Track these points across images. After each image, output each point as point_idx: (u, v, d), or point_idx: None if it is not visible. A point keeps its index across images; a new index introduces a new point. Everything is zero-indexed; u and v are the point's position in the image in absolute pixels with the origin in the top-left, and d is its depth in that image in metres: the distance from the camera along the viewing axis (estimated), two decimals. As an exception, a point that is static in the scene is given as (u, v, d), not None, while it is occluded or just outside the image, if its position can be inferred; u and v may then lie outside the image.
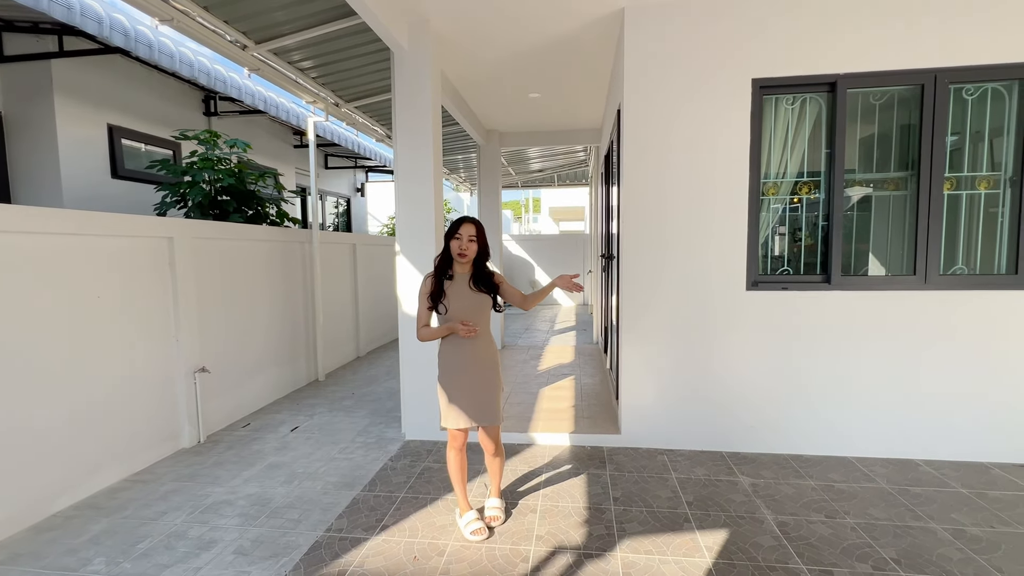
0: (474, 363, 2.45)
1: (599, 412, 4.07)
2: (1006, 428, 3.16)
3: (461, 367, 2.45)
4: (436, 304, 2.40)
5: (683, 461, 3.29)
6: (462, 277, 2.44)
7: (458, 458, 2.52)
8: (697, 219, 3.34)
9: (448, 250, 2.42)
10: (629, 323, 3.46)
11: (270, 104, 5.55)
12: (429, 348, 3.64)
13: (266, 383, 4.64)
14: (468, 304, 2.41)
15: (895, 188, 3.28)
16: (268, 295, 4.69)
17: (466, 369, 2.45)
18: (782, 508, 2.69)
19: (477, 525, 2.47)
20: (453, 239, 2.39)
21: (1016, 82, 3.06)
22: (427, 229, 3.61)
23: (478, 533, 2.44)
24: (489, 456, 2.62)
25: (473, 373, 2.45)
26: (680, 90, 3.29)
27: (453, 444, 2.51)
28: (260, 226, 4.53)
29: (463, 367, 2.45)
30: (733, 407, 3.40)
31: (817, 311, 3.28)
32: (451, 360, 2.47)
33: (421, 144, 3.56)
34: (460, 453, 2.53)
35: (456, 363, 2.46)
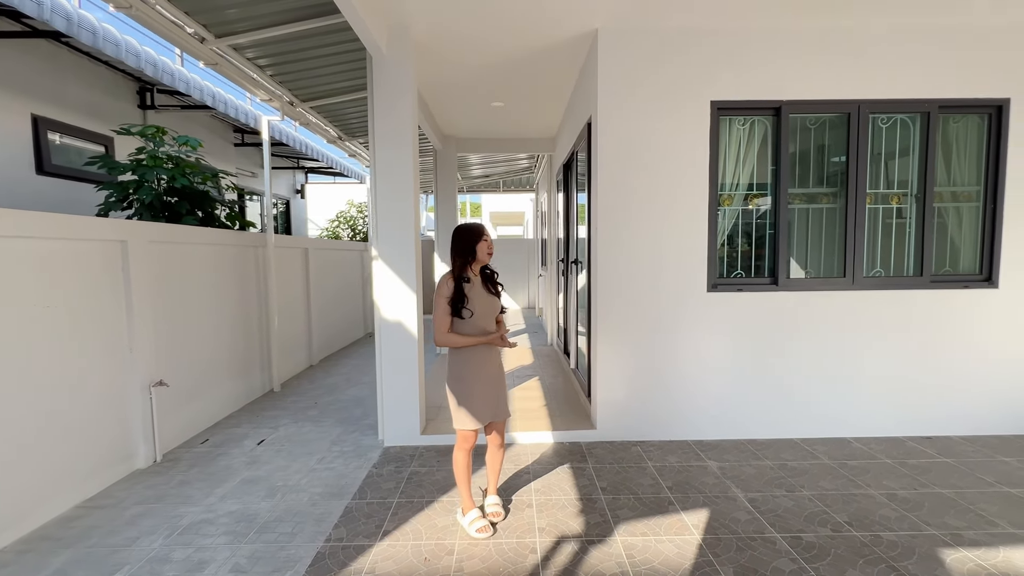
0: (494, 363, 2.59)
1: (570, 410, 4.26)
2: (915, 406, 3.72)
3: (485, 368, 2.54)
4: (460, 309, 2.44)
5: (655, 451, 3.55)
6: (476, 280, 2.53)
7: (467, 459, 2.59)
8: (664, 226, 3.63)
9: (473, 254, 2.49)
10: (603, 324, 3.68)
11: (219, 100, 5.23)
12: (408, 355, 3.65)
13: (221, 396, 4.37)
14: (487, 306, 2.52)
15: (828, 201, 3.76)
16: (223, 302, 4.42)
17: (488, 370, 2.55)
18: (749, 486, 3.00)
19: (482, 523, 2.54)
20: (482, 241, 2.50)
21: (917, 115, 3.64)
22: (406, 233, 3.61)
23: (484, 531, 2.51)
24: (496, 449, 2.73)
25: (492, 372, 2.57)
26: (648, 107, 3.57)
27: (464, 445, 2.57)
28: (215, 229, 4.27)
29: (486, 368, 2.55)
30: (697, 399, 3.72)
31: (767, 310, 3.68)
32: (476, 363, 2.53)
33: (400, 149, 3.57)
34: (469, 454, 2.59)
35: (481, 365, 2.53)
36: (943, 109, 3.60)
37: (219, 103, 5.21)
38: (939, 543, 2.41)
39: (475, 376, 2.53)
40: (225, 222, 4.76)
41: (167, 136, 4.21)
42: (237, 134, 7.37)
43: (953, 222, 3.76)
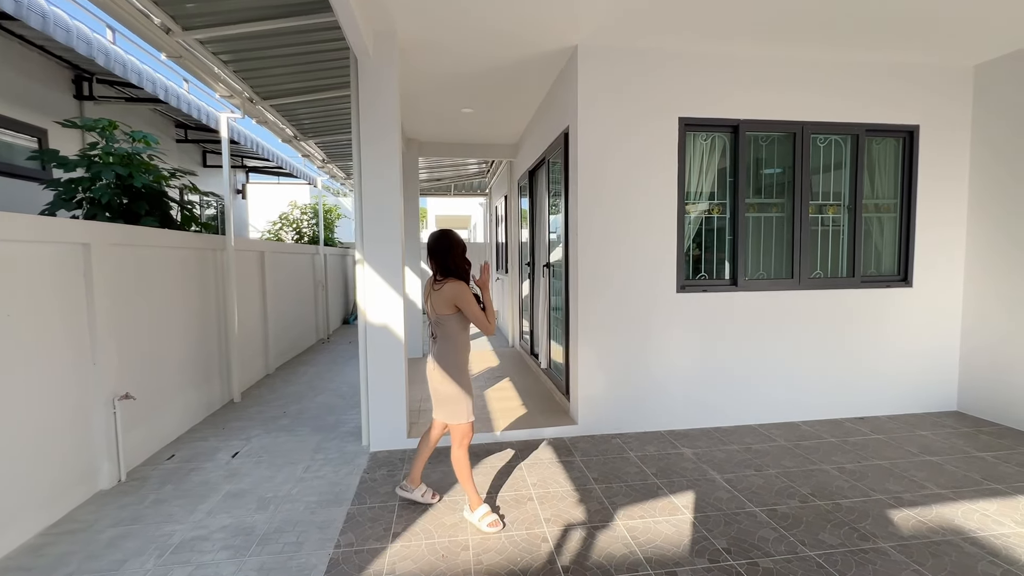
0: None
1: (547, 407, 4.42)
2: (850, 392, 4.24)
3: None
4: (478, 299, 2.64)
5: (634, 442, 3.79)
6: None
7: (468, 455, 2.67)
8: (638, 232, 3.90)
9: (464, 260, 2.65)
10: (583, 325, 3.88)
11: (170, 93, 4.89)
12: (394, 358, 3.64)
13: (183, 408, 4.11)
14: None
15: (776, 211, 4.21)
16: (184, 308, 4.16)
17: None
18: (723, 469, 3.30)
19: (493, 517, 2.63)
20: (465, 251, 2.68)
21: (849, 136, 4.17)
22: (393, 236, 3.61)
23: (495, 524, 2.60)
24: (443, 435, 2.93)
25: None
26: (624, 121, 3.83)
27: (466, 441, 2.66)
28: (177, 231, 4.02)
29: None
30: (668, 392, 4.01)
31: (728, 309, 4.05)
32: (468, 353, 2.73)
33: (385, 150, 3.57)
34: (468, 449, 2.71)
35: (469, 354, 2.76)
36: (869, 132, 4.16)
37: (170, 96, 4.87)
38: (885, 506, 2.81)
39: (467, 369, 2.69)
40: (181, 224, 4.47)
41: (118, 131, 3.91)
42: (179, 130, 6.88)
43: (876, 230, 4.33)
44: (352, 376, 5.95)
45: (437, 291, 2.56)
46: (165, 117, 6.54)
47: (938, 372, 4.36)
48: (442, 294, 2.54)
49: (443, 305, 2.55)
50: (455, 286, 2.55)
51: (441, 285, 2.55)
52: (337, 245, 11.33)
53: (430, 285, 2.63)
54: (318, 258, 8.57)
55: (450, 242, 2.63)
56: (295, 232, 10.96)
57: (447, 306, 2.55)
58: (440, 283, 2.56)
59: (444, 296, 2.54)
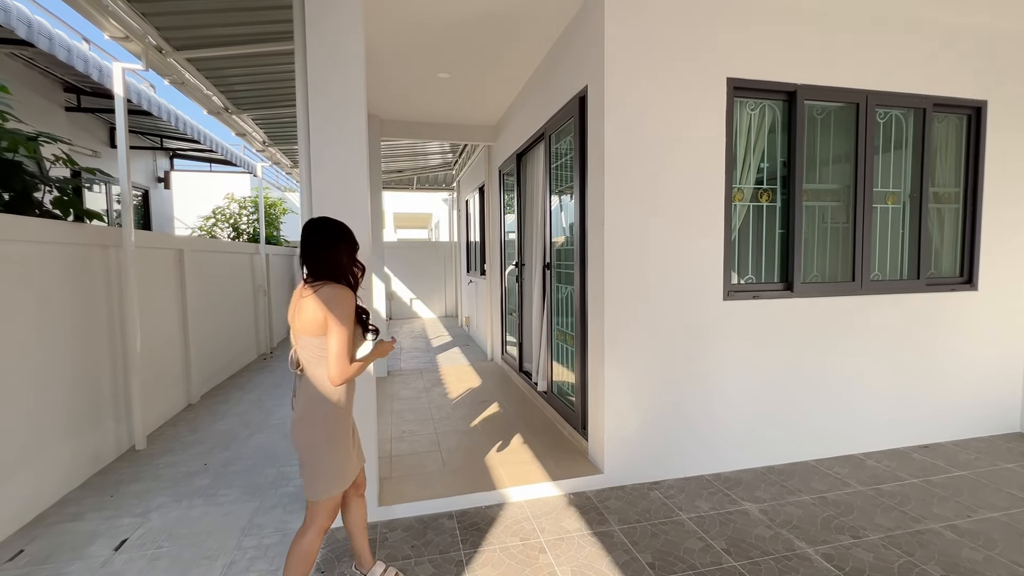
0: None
1: (556, 446, 3.49)
2: (910, 415, 3.55)
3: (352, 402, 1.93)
4: (366, 326, 1.91)
5: (678, 495, 2.92)
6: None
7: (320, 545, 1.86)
8: (677, 225, 3.05)
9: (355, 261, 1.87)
10: (611, 341, 2.98)
11: (38, 32, 3.56)
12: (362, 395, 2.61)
13: (49, 469, 2.88)
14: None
15: (832, 199, 3.47)
16: (50, 327, 2.93)
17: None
18: (810, 536, 2.48)
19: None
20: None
21: (912, 111, 3.50)
22: (360, 226, 2.56)
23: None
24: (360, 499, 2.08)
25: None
26: (660, 84, 2.96)
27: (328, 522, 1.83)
28: (35, 219, 2.80)
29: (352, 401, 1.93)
30: (712, 425, 3.18)
31: (781, 319, 3.26)
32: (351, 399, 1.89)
33: (348, 118, 2.54)
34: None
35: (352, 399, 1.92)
36: (937, 107, 3.49)
37: (39, 36, 3.55)
38: (1052, 592, 2.07)
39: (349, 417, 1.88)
40: (52, 210, 3.21)
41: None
42: (70, 94, 5.45)
43: (935, 223, 3.68)
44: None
45: (304, 298, 1.71)
46: (48, 77, 5.11)
47: (1001, 389, 3.76)
48: (309, 304, 1.69)
49: (310, 321, 1.69)
50: (336, 290, 1.71)
51: (312, 290, 1.71)
52: (283, 244, 9.94)
53: (297, 293, 1.78)
54: (259, 259, 7.26)
55: (338, 233, 1.81)
56: (232, 229, 9.50)
57: (315, 322, 1.68)
58: (313, 287, 1.72)
59: (312, 308, 1.68)
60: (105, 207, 6.75)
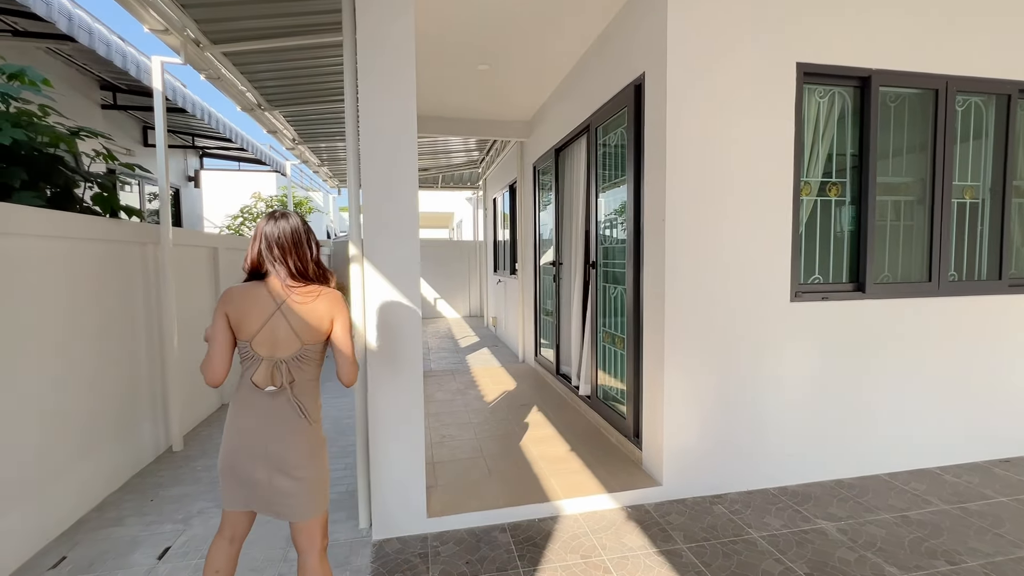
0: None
1: (606, 454, 3.31)
2: (987, 425, 3.28)
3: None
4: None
5: (745, 510, 2.72)
6: None
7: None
8: (742, 221, 2.85)
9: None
10: (671, 346, 2.79)
11: (81, 27, 3.51)
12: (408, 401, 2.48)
13: (91, 473, 2.81)
14: None
15: (905, 193, 3.22)
16: (89, 325, 2.86)
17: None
18: (900, 560, 2.27)
19: None
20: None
21: (994, 97, 3.23)
22: (408, 219, 2.44)
23: None
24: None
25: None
26: (724, 69, 2.76)
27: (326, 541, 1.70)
28: (75, 215, 2.73)
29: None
30: (778, 435, 2.97)
31: (852, 322, 3.04)
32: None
33: (399, 103, 2.40)
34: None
35: None
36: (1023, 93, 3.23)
37: (79, 30, 3.50)
38: None
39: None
40: (91, 205, 3.15)
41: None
42: (105, 92, 5.45)
43: (1017, 219, 3.41)
44: (336, 401, 4.69)
45: (302, 305, 1.58)
46: (85, 74, 5.11)
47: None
48: (314, 310, 1.58)
49: (314, 328, 1.59)
50: (336, 296, 1.65)
51: (309, 297, 1.59)
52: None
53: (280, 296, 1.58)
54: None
55: (309, 228, 1.69)
56: (259, 228, 9.51)
57: (319, 329, 1.60)
58: (305, 293, 1.59)
59: (317, 313, 1.59)
60: (138, 205, 6.78)
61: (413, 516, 2.51)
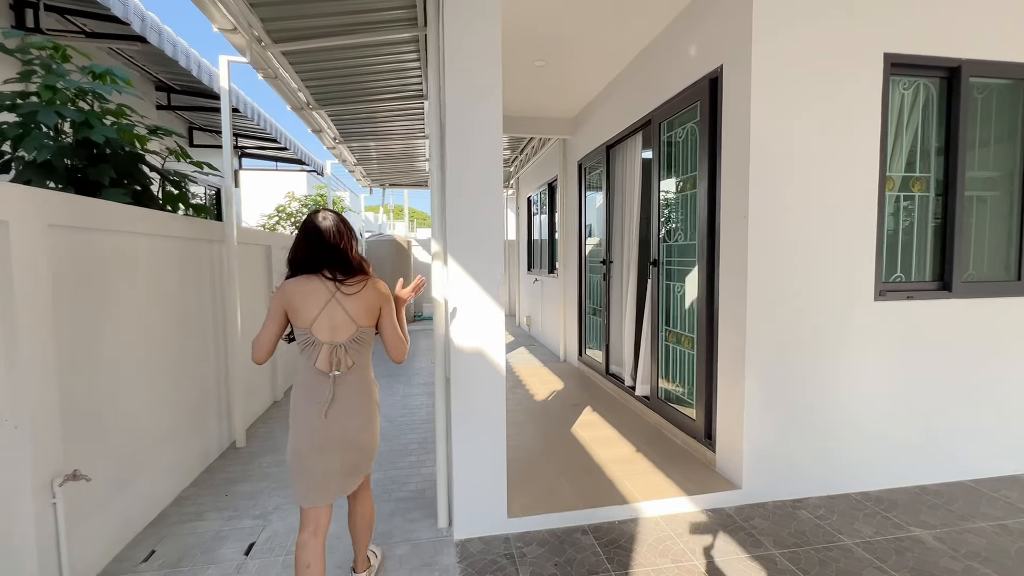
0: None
1: (675, 456, 3.24)
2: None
3: None
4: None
5: (828, 515, 2.64)
6: None
7: None
8: (825, 216, 2.76)
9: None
10: (752, 346, 2.72)
11: (152, 27, 3.57)
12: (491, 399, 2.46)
13: (167, 468, 2.84)
14: None
15: (989, 188, 3.09)
16: (167, 322, 2.90)
17: None
18: (1009, 571, 2.17)
19: None
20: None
21: (1087, 88, 3.08)
22: (493, 225, 2.41)
23: None
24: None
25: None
26: (809, 59, 2.68)
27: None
28: (159, 212, 2.77)
29: None
30: (861, 438, 2.87)
31: (939, 321, 2.92)
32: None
33: (485, 97, 2.38)
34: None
35: None
36: (1119, 82, 3.07)
37: (151, 31, 3.56)
38: None
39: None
40: (164, 204, 3.19)
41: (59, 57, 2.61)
42: (160, 93, 5.55)
43: (1108, 216, 3.24)
44: (391, 400, 4.70)
45: (353, 294, 1.79)
46: (144, 77, 5.20)
47: None
48: (364, 297, 1.81)
49: (367, 312, 1.83)
50: (380, 284, 1.88)
51: (358, 286, 1.81)
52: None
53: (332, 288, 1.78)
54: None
55: (349, 226, 1.91)
56: (294, 227, 9.63)
57: (370, 313, 1.84)
58: (354, 283, 1.81)
59: (367, 299, 1.82)
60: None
61: (494, 517, 2.48)
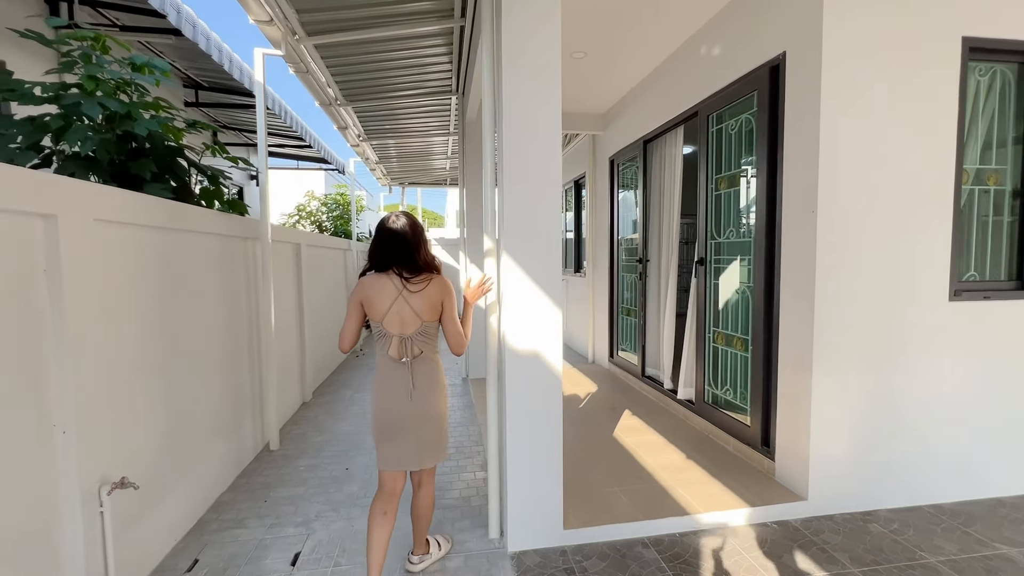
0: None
1: (728, 465, 3.09)
2: None
3: None
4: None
5: (903, 529, 2.48)
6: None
7: None
8: (897, 211, 2.59)
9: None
10: (819, 349, 2.56)
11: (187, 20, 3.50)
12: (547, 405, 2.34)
13: (207, 472, 2.76)
14: None
15: (1069, 182, 2.90)
16: (208, 322, 2.81)
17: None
18: (1119, 595, 1.99)
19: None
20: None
21: None
22: (551, 223, 2.29)
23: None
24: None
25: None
26: (882, 45, 2.51)
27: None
28: (201, 208, 2.69)
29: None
30: (930, 447, 2.70)
31: (1020, 323, 2.74)
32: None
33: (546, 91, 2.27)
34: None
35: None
36: None
37: (186, 24, 3.49)
38: None
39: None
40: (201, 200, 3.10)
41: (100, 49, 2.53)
42: (189, 89, 5.50)
43: None
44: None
45: (418, 291, 1.95)
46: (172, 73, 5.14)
47: None
48: (427, 295, 1.96)
49: (431, 308, 1.97)
50: (444, 282, 2.02)
51: (422, 284, 1.96)
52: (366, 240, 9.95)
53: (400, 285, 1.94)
54: (350, 255, 7.22)
55: (418, 229, 2.03)
56: (314, 226, 9.59)
57: (434, 309, 1.99)
58: (419, 281, 1.96)
59: (430, 297, 1.97)
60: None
61: (550, 528, 2.36)
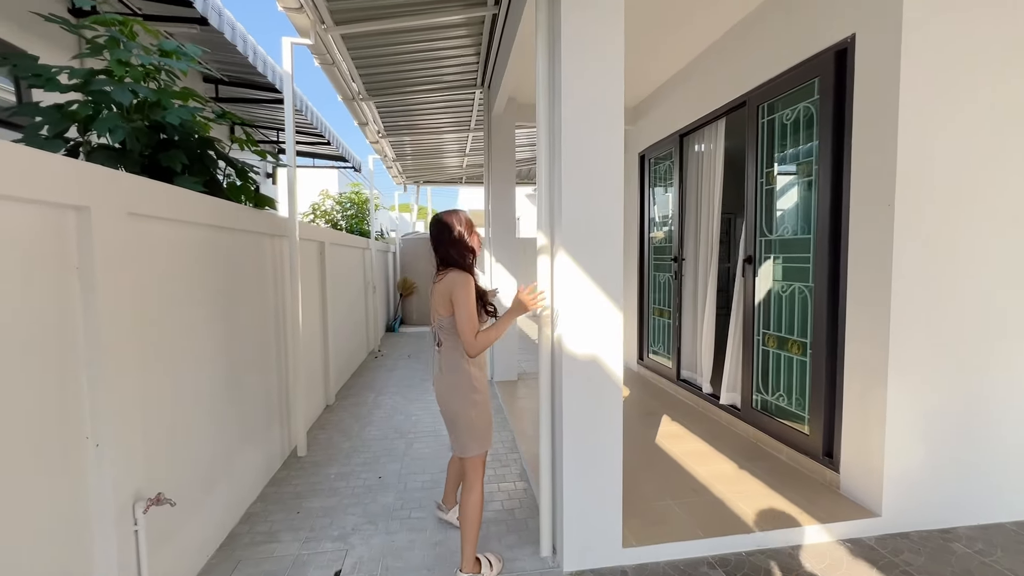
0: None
1: (786, 477, 2.90)
2: None
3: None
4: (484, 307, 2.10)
5: (989, 549, 2.29)
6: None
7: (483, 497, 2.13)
8: (980, 203, 2.40)
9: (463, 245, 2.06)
10: (897, 358, 2.37)
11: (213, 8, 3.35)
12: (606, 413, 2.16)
13: (238, 480, 2.61)
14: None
15: None
16: (240, 324, 2.67)
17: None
18: None
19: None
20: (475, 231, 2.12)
21: None
22: (612, 219, 2.12)
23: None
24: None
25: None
26: (972, 20, 2.32)
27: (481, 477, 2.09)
28: (235, 204, 2.55)
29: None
30: (1008, 460, 2.51)
31: (1107, 328, 2.54)
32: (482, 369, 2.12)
33: (606, 77, 2.09)
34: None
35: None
36: None
37: (211, 12, 3.35)
38: None
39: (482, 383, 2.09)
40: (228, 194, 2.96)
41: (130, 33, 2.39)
42: (208, 84, 5.38)
43: None
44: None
45: (436, 284, 2.04)
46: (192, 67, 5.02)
47: None
48: (440, 288, 2.01)
49: (442, 302, 2.00)
50: (457, 276, 1.98)
51: (440, 277, 2.04)
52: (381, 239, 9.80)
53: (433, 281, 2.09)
54: (369, 254, 7.09)
55: (442, 225, 2.06)
56: (330, 224, 9.46)
57: (446, 304, 1.99)
58: (439, 276, 2.05)
59: (441, 291, 2.00)
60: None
61: (608, 546, 2.19)
